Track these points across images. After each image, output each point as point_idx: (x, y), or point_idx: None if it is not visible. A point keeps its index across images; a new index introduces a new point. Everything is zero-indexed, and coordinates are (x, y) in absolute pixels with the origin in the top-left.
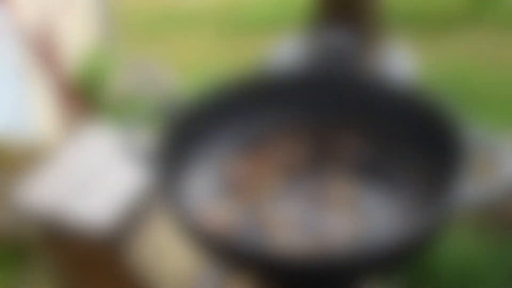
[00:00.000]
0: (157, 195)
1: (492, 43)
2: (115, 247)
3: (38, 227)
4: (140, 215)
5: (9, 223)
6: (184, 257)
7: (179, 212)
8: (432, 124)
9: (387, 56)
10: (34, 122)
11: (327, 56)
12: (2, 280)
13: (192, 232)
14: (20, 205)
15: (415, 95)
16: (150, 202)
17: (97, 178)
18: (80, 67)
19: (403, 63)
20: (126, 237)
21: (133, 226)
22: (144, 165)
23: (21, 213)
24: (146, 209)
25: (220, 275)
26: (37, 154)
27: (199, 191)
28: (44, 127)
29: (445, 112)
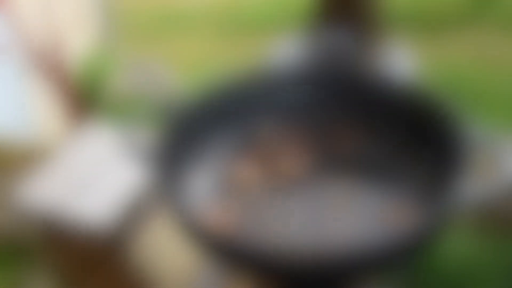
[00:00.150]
0: (158, 195)
1: (493, 43)
2: (116, 247)
3: (38, 227)
4: (141, 215)
5: (9, 223)
6: (184, 257)
7: (180, 212)
8: (433, 124)
9: (388, 56)
10: (35, 122)
11: (328, 56)
12: (2, 280)
13: (192, 232)
14: (20, 205)
15: (416, 95)
16: (151, 202)
17: (98, 178)
18: (81, 67)
19: (404, 63)
20: (127, 237)
21: (133, 226)
22: (145, 165)
23: (21, 213)
24: (147, 209)
25: (220, 275)
26: (38, 154)
27: (200, 191)
28: (45, 127)
29: (446, 112)
